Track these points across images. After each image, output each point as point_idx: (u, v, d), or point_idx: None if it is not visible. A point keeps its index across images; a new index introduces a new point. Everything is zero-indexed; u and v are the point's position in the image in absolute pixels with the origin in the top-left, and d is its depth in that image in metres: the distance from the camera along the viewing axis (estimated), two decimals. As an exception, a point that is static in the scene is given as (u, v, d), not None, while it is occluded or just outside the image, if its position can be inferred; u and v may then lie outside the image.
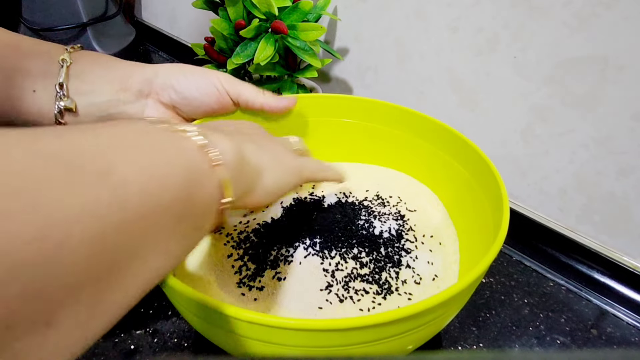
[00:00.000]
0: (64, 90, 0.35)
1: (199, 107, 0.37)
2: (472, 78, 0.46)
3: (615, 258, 0.41)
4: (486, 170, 0.32)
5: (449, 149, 0.38)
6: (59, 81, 0.34)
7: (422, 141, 0.40)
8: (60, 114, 0.35)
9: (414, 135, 0.40)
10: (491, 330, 0.36)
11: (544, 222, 0.45)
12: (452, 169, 0.37)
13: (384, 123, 0.42)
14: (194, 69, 0.37)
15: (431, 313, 0.22)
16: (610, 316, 0.39)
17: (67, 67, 0.35)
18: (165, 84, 0.36)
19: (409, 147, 0.41)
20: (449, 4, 0.45)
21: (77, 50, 0.36)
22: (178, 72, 0.36)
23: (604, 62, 0.37)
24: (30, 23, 0.69)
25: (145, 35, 0.86)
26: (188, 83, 0.36)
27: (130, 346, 0.33)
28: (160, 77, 0.36)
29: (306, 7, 0.47)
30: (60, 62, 0.35)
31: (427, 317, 0.22)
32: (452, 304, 0.24)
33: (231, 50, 0.50)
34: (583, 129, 0.40)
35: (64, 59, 0.35)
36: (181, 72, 0.36)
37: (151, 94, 0.37)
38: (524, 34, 0.41)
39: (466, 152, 0.36)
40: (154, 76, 0.36)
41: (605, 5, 0.36)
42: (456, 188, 0.37)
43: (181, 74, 0.36)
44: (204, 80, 0.36)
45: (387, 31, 0.52)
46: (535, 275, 0.42)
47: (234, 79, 0.37)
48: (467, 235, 0.35)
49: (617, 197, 0.40)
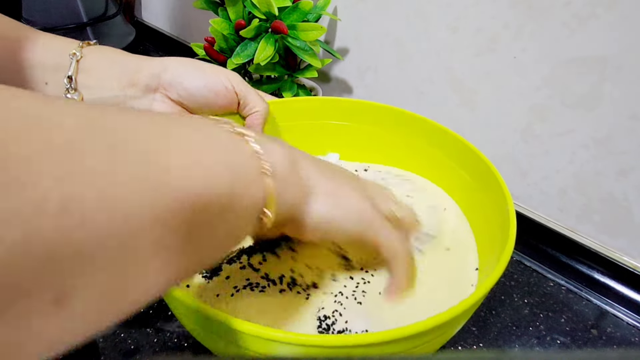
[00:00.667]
0: (73, 84, 0.35)
1: (206, 105, 0.37)
2: (472, 78, 0.46)
3: (615, 258, 0.41)
4: (494, 183, 0.32)
5: (462, 161, 0.37)
6: (67, 74, 0.35)
7: (429, 146, 0.39)
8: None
9: (418, 139, 0.40)
10: (491, 330, 0.36)
11: (544, 222, 0.45)
12: (459, 177, 0.37)
13: (381, 125, 0.41)
14: (204, 65, 0.37)
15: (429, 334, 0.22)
16: (610, 316, 0.39)
17: (77, 61, 0.35)
18: (174, 80, 0.36)
19: (418, 152, 0.41)
20: (449, 4, 0.45)
21: (90, 45, 0.37)
22: (188, 69, 0.36)
23: (604, 62, 0.37)
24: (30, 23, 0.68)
25: (145, 35, 0.86)
26: (198, 81, 0.36)
27: (130, 346, 0.33)
28: (169, 73, 0.36)
29: (306, 7, 0.47)
30: (70, 55, 0.35)
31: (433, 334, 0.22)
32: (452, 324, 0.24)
33: (231, 50, 0.50)
34: (583, 129, 0.40)
35: (75, 53, 0.35)
36: (192, 69, 0.36)
37: (159, 89, 0.36)
38: (524, 34, 0.41)
39: (477, 165, 0.35)
40: (163, 71, 0.36)
41: (605, 6, 0.36)
42: (463, 194, 0.37)
43: (192, 71, 0.36)
44: (215, 79, 0.36)
45: (387, 31, 0.52)
46: (535, 275, 0.42)
47: (245, 82, 0.37)
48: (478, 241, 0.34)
49: (617, 197, 0.40)
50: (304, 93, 0.53)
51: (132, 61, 0.37)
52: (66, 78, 0.35)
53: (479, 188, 0.34)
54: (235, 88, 0.36)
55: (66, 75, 0.35)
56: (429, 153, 0.40)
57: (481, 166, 0.34)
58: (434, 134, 0.38)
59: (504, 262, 0.24)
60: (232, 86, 0.36)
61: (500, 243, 0.27)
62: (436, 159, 0.39)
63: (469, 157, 0.35)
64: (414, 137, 0.40)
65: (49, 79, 0.35)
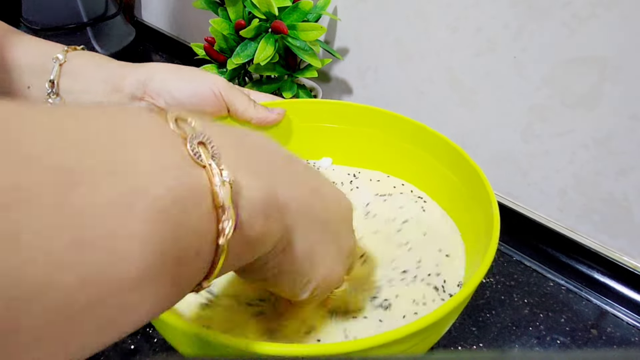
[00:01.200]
0: (55, 89, 0.35)
1: (193, 111, 0.36)
2: (472, 78, 0.46)
3: (615, 258, 0.41)
4: (479, 184, 0.31)
5: (446, 161, 0.36)
6: (50, 78, 0.34)
7: (415, 148, 0.38)
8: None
9: (405, 142, 0.39)
10: (491, 330, 0.36)
11: (544, 222, 0.45)
12: (445, 178, 0.36)
13: (374, 127, 0.40)
14: (191, 72, 0.36)
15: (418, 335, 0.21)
16: (610, 316, 0.39)
17: (60, 65, 0.35)
18: (161, 89, 0.35)
19: (405, 154, 0.39)
20: (449, 4, 0.45)
21: (75, 50, 0.36)
22: (175, 77, 0.36)
23: (604, 62, 0.37)
24: (30, 23, 0.68)
25: (145, 35, 0.86)
26: (186, 89, 0.36)
27: (130, 346, 0.33)
28: (156, 81, 0.36)
29: (306, 7, 0.47)
30: (53, 59, 0.35)
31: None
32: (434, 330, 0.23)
33: (231, 50, 0.50)
34: (583, 129, 0.40)
35: (58, 57, 0.35)
36: (178, 77, 0.36)
37: (145, 97, 0.36)
38: (524, 34, 0.41)
39: (462, 166, 0.34)
40: (149, 79, 0.36)
41: (605, 6, 0.36)
42: (448, 195, 0.36)
43: (179, 79, 0.36)
44: (202, 86, 0.36)
45: (387, 31, 0.52)
46: (535, 275, 0.42)
47: (231, 86, 0.37)
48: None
49: (617, 197, 0.40)
50: (304, 93, 0.53)
51: (118, 67, 0.36)
52: (48, 82, 0.34)
53: (470, 195, 0.33)
54: (222, 93, 0.36)
55: (48, 79, 0.34)
56: (428, 162, 0.38)
57: (474, 177, 0.32)
58: (434, 142, 0.37)
59: (487, 262, 0.24)
60: (220, 91, 0.36)
61: (484, 245, 0.27)
62: (439, 172, 0.37)
63: (461, 164, 0.34)
64: (409, 142, 0.39)
65: (32, 82, 0.35)
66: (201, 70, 0.37)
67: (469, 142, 0.49)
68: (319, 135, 0.42)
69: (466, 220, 0.34)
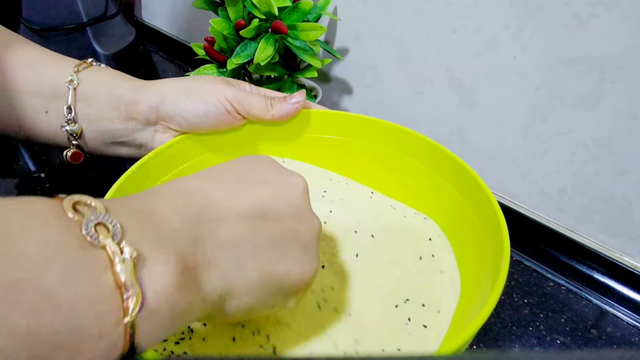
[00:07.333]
0: (72, 114, 0.35)
1: (209, 129, 0.36)
2: (471, 78, 0.46)
3: (615, 258, 0.41)
4: (488, 206, 0.28)
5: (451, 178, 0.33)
6: (67, 104, 0.35)
7: (417, 162, 0.36)
8: (73, 135, 0.36)
9: (407, 156, 0.37)
10: (491, 330, 0.36)
11: (544, 222, 0.45)
12: (448, 194, 0.34)
13: (376, 141, 0.38)
14: (200, 91, 0.35)
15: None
16: (610, 316, 0.39)
17: (74, 90, 0.35)
18: (173, 112, 0.35)
19: (405, 170, 0.37)
20: (449, 4, 0.45)
21: (86, 64, 0.36)
22: (185, 98, 0.35)
23: (604, 62, 0.37)
24: (30, 23, 0.68)
25: (145, 35, 0.86)
26: (197, 111, 0.35)
27: (130, 346, 0.33)
28: (167, 106, 0.35)
29: (306, 7, 0.47)
30: (67, 83, 0.35)
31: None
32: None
33: (231, 50, 0.50)
34: (583, 129, 0.40)
35: (71, 80, 0.35)
36: (189, 98, 0.35)
37: (159, 122, 0.36)
38: (524, 34, 0.41)
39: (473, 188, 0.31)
40: (161, 103, 0.35)
41: (605, 6, 0.36)
42: (453, 215, 0.33)
43: (190, 101, 0.35)
44: (211, 107, 0.35)
45: (387, 31, 0.52)
46: (535, 275, 0.42)
47: (242, 95, 0.35)
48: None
49: (617, 197, 0.40)
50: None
51: (129, 91, 0.35)
52: (65, 108, 0.34)
53: (475, 213, 0.31)
54: (235, 107, 0.35)
55: (65, 105, 0.34)
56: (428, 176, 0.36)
57: (480, 194, 0.30)
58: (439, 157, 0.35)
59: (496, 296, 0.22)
60: (233, 107, 0.35)
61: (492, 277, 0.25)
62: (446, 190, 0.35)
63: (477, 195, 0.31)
64: (409, 155, 0.37)
65: (48, 107, 0.35)
66: (210, 85, 0.36)
67: (469, 142, 0.49)
68: (339, 149, 0.39)
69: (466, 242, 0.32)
